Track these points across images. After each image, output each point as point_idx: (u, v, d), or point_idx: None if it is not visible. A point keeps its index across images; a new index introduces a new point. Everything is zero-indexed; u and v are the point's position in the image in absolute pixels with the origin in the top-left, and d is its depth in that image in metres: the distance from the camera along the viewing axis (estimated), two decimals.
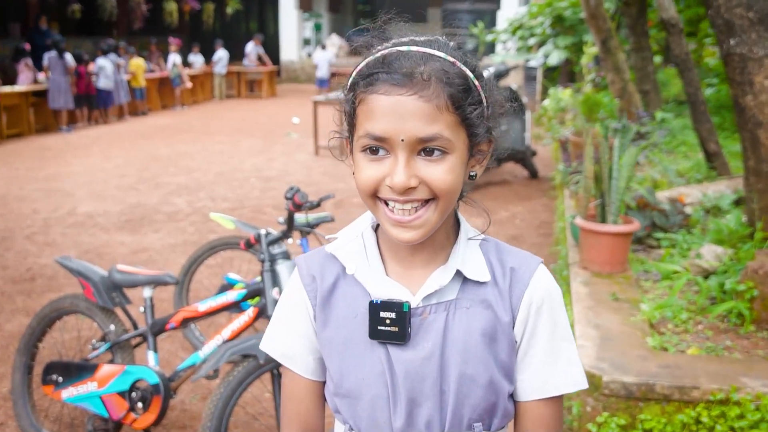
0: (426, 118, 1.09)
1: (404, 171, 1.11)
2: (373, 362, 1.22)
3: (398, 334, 1.20)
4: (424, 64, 1.11)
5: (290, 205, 2.95)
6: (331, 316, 1.27)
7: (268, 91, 20.82)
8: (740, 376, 2.93)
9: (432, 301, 1.22)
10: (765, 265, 3.67)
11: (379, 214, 1.17)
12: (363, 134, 1.13)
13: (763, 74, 4.20)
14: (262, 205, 8.20)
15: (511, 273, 1.25)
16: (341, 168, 10.31)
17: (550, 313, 1.25)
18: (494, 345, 1.22)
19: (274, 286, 2.96)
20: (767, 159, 4.27)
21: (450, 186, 1.13)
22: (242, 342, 2.83)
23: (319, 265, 1.31)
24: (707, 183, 6.87)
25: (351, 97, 1.17)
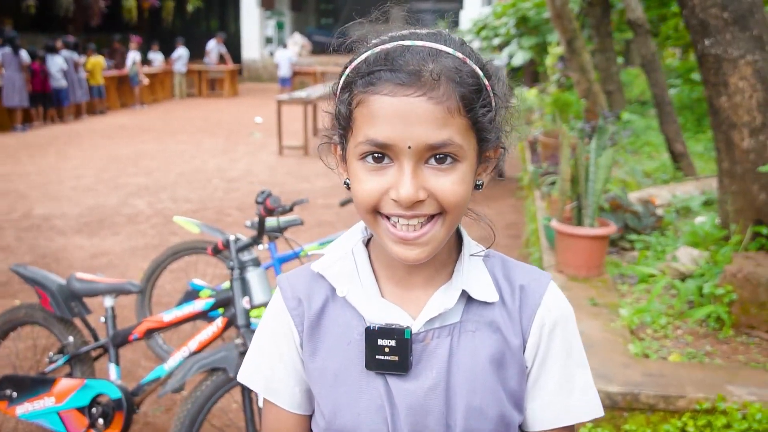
0: (436, 122, 0.96)
1: (412, 182, 0.97)
2: (371, 395, 1.08)
3: (399, 363, 1.07)
4: (433, 61, 0.98)
5: (261, 209, 2.80)
6: (321, 343, 1.13)
7: (229, 90, 20.53)
8: (725, 384, 2.86)
9: (434, 324, 1.09)
10: (743, 268, 3.62)
11: (380, 231, 1.03)
12: (363, 140, 0.99)
13: (738, 75, 4.17)
14: (226, 206, 8.01)
15: (520, 291, 1.12)
16: (306, 168, 10.16)
17: (564, 335, 1.12)
18: (503, 372, 1.09)
19: (244, 295, 2.81)
20: (741, 161, 4.24)
21: (461, 199, 1.00)
22: (211, 354, 2.68)
23: (305, 286, 1.16)
24: (674, 184, 6.87)
25: (347, 97, 1.03)
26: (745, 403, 2.74)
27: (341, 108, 1.04)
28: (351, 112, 1.02)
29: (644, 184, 6.96)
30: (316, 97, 11.69)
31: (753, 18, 4.16)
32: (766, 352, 3.37)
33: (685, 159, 7.70)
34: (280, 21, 25.38)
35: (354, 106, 1.01)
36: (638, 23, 7.80)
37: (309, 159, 10.93)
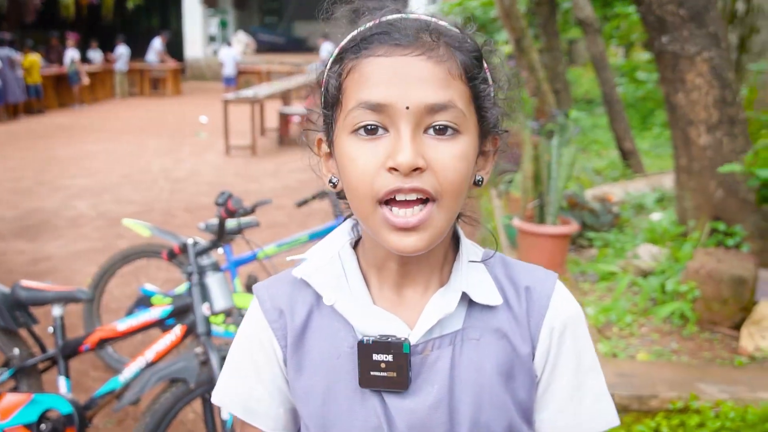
0: (437, 81, 0.87)
1: (411, 146, 0.86)
2: (366, 415, 0.98)
3: (397, 380, 0.96)
4: (431, 30, 0.90)
5: (222, 211, 2.67)
6: (307, 359, 1.02)
7: (172, 90, 20.11)
8: (696, 382, 2.84)
9: (434, 333, 0.98)
10: (705, 264, 3.63)
11: (376, 221, 0.91)
12: (355, 105, 0.89)
13: (695, 72, 4.18)
14: (173, 208, 7.78)
15: (526, 293, 1.02)
16: (254, 168, 9.98)
17: (574, 339, 1.02)
18: (511, 383, 0.99)
19: (204, 301, 2.67)
20: (699, 157, 4.26)
21: (461, 176, 0.90)
22: (170, 365, 2.55)
23: (286, 295, 1.04)
24: (625, 181, 6.93)
25: (337, 68, 0.93)
26: (718, 401, 2.72)
27: (331, 82, 0.94)
28: (341, 85, 0.92)
29: (596, 182, 7.00)
30: (264, 96, 11.50)
31: (709, 15, 4.18)
32: (730, 348, 3.37)
33: (634, 157, 7.79)
34: (224, 19, 24.99)
35: (345, 75, 0.91)
36: (588, 22, 7.85)
37: (257, 159, 10.75)
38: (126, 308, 4.58)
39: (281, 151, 11.37)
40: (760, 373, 2.98)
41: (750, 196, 4.17)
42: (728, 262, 3.66)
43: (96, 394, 2.80)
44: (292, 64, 19.87)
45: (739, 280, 3.53)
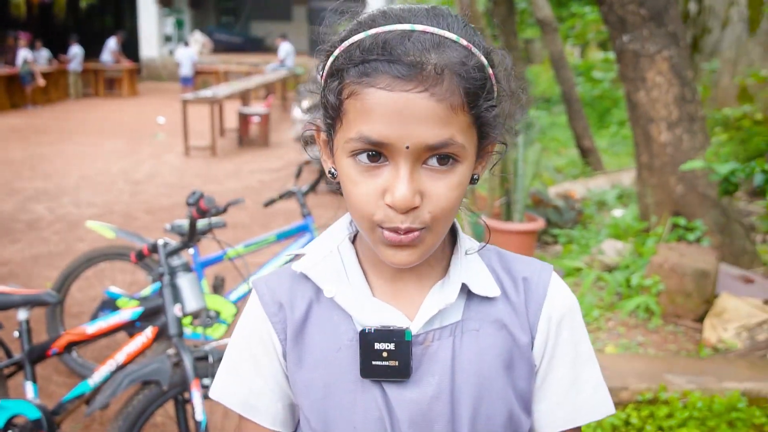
0: (437, 121, 0.87)
1: (408, 186, 0.88)
2: (367, 406, 0.98)
3: (399, 369, 0.97)
4: (436, 51, 0.88)
5: (193, 211, 2.64)
6: (307, 352, 1.02)
7: (128, 90, 19.80)
8: (664, 373, 2.89)
9: (434, 325, 0.99)
10: (669, 259, 3.70)
11: (374, 237, 0.94)
12: (356, 137, 0.89)
13: (655, 70, 4.27)
14: (133, 210, 7.67)
15: (524, 284, 1.03)
16: (215, 169, 9.89)
17: (571, 329, 1.04)
18: (511, 373, 1.00)
19: (175, 302, 2.64)
20: (660, 154, 4.35)
21: (453, 204, 0.92)
22: (143, 367, 2.51)
23: (286, 289, 1.05)
24: (585, 179, 7.04)
25: (336, 86, 0.92)
26: (685, 392, 2.78)
27: (329, 96, 0.93)
28: (341, 103, 0.91)
29: (557, 180, 7.10)
30: (223, 96, 11.41)
31: (668, 14, 4.27)
32: (694, 340, 3.45)
33: (593, 154, 7.91)
34: (179, 19, 24.69)
35: (345, 96, 0.91)
36: (546, 21, 7.94)
37: (217, 160, 10.65)
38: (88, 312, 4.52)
39: (241, 152, 11.28)
40: (724, 363, 3.05)
41: (709, 191, 4.26)
42: (690, 257, 3.74)
43: (65, 398, 2.75)
44: (250, 64, 19.74)
45: (701, 274, 3.61)
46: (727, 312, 3.61)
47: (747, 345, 3.40)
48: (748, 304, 3.66)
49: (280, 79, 15.86)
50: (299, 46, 20.78)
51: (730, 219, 4.35)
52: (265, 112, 11.78)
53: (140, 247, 2.93)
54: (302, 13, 25.68)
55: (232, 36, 25.88)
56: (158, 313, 2.71)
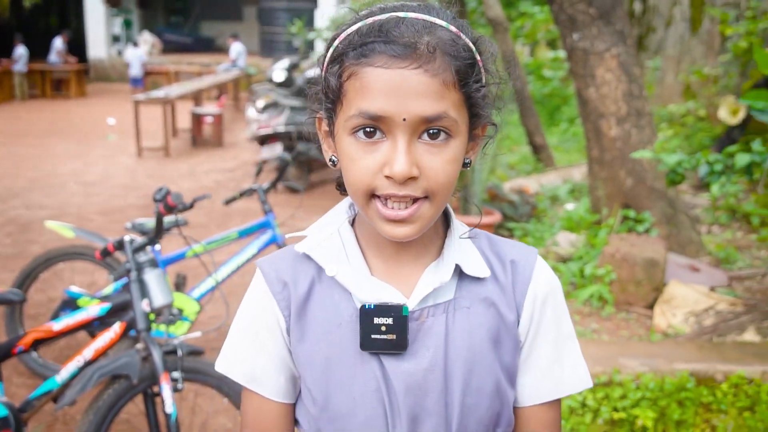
0: (431, 94, 0.95)
1: (406, 158, 0.95)
2: (366, 377, 1.06)
3: (396, 342, 1.04)
4: (428, 33, 0.96)
5: (160, 207, 2.67)
6: (309, 327, 1.09)
7: (76, 91, 19.44)
8: (618, 357, 3.02)
9: (428, 302, 1.07)
10: (620, 249, 3.85)
11: (371, 212, 1.01)
12: (355, 113, 0.96)
13: (604, 67, 4.41)
14: (86, 212, 7.58)
15: (511, 266, 1.12)
16: (168, 169, 9.82)
17: (554, 308, 1.12)
18: (499, 348, 1.08)
19: (143, 297, 2.67)
20: (610, 148, 4.50)
21: (450, 178, 0.99)
22: (112, 361, 2.54)
23: (289, 268, 1.12)
24: (538, 174, 7.20)
25: (337, 69, 0.99)
26: (638, 373, 2.91)
27: (330, 80, 1.01)
28: (341, 85, 0.99)
29: (510, 175, 7.24)
30: (175, 97, 11.32)
31: (615, 13, 4.42)
32: (645, 326, 3.59)
33: (545, 151, 8.08)
34: (128, 18, 24.31)
35: (345, 78, 0.98)
36: (497, 21, 8.09)
37: (171, 160, 10.56)
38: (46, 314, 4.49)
39: (195, 152, 11.21)
40: (674, 346, 3.19)
41: (657, 184, 4.43)
42: (640, 246, 3.89)
43: (32, 395, 2.75)
44: (201, 65, 19.57)
45: (651, 263, 3.76)
46: (676, 299, 3.77)
47: (695, 329, 3.56)
48: (695, 291, 3.82)
49: (232, 80, 15.77)
50: (250, 46, 20.68)
51: (676, 210, 4.52)
52: (219, 113, 11.73)
53: (103, 245, 2.95)
54: (253, 13, 25.50)
55: (181, 36, 25.61)
56: (125, 310, 2.74)
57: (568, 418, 2.88)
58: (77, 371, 2.70)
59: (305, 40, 15.68)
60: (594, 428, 2.84)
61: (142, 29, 24.10)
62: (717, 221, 5.25)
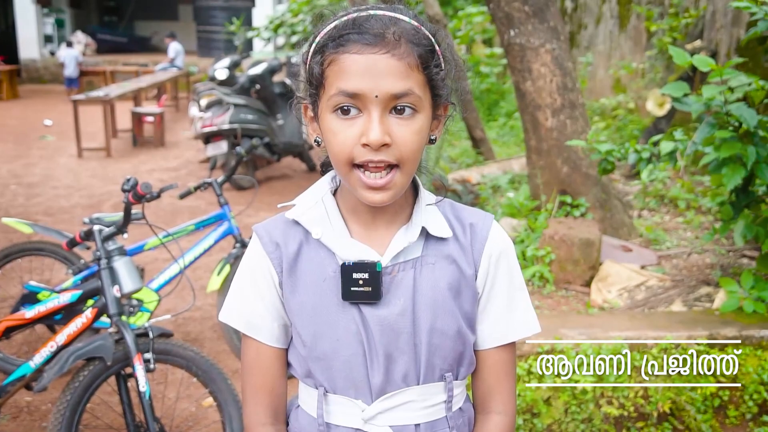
0: (398, 75, 1.15)
1: (379, 127, 1.14)
2: (347, 323, 1.25)
3: (372, 293, 1.24)
4: (394, 25, 1.17)
5: (130, 196, 2.79)
6: (299, 281, 1.28)
7: (8, 93, 18.97)
8: (559, 328, 3.26)
9: (399, 259, 1.27)
10: (558, 231, 4.11)
11: (353, 180, 1.20)
12: (335, 92, 1.16)
13: (540, 62, 4.68)
14: (31, 213, 7.54)
15: (470, 229, 1.32)
16: (111, 170, 9.78)
17: (507, 263, 1.33)
18: (459, 298, 1.28)
19: (113, 284, 2.80)
20: (547, 138, 4.76)
21: (417, 147, 1.19)
22: (87, 344, 2.67)
23: (281, 231, 1.31)
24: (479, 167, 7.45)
25: (319, 59, 1.19)
26: (577, 343, 3.16)
27: (314, 68, 1.20)
28: (323, 72, 1.18)
29: (452, 168, 7.48)
30: (115, 97, 11.25)
31: (549, 11, 4.69)
32: (583, 302, 3.86)
33: (484, 144, 8.34)
34: (60, 18, 23.82)
35: (326, 65, 1.18)
36: (437, 18, 8.31)
37: (112, 160, 10.50)
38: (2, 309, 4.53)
39: (137, 152, 11.16)
40: (609, 318, 3.46)
41: (591, 171, 4.71)
42: (577, 229, 4.16)
43: (5, 381, 2.86)
44: (138, 64, 19.33)
45: (587, 243, 4.04)
46: (611, 276, 4.05)
47: (628, 304, 3.84)
48: (628, 269, 4.12)
49: (171, 79, 15.68)
50: (187, 45, 20.52)
51: (609, 196, 4.82)
52: (160, 112, 11.70)
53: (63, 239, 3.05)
54: (189, 12, 25.25)
55: (116, 36, 25.22)
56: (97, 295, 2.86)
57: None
58: (50, 356, 2.81)
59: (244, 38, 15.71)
60: (539, 393, 3.08)
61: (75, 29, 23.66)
62: (647, 206, 5.58)
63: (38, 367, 2.82)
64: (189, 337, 4.60)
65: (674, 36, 7.82)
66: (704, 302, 3.78)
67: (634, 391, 3.15)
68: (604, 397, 3.12)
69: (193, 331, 4.67)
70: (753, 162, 3.24)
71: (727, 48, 6.97)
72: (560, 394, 3.11)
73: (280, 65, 9.85)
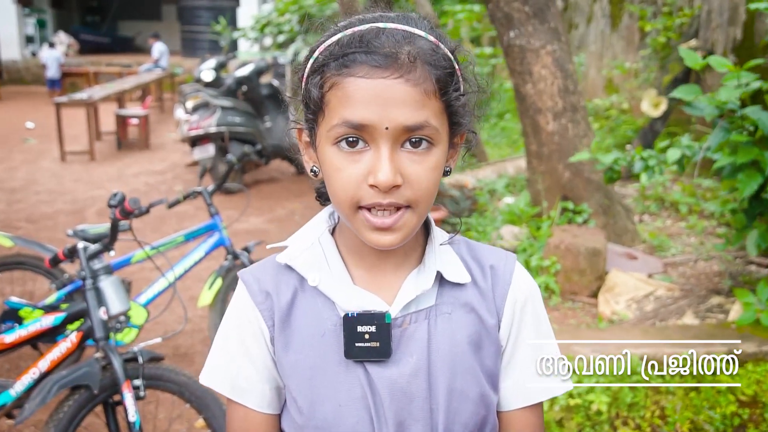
0: (413, 104, 0.96)
1: (389, 166, 0.96)
2: (351, 385, 1.07)
3: (380, 350, 1.06)
4: (408, 43, 0.98)
5: (117, 212, 2.61)
6: (293, 337, 1.09)
7: None
8: (571, 345, 3.11)
9: (411, 309, 1.08)
10: (564, 240, 3.96)
11: (357, 222, 1.02)
12: (339, 122, 0.97)
13: (541, 64, 4.53)
14: (12, 219, 7.32)
15: (491, 272, 1.14)
16: (95, 174, 9.56)
17: (534, 311, 1.15)
18: (480, 353, 1.10)
19: (99, 305, 2.62)
20: (548, 142, 4.62)
21: (432, 186, 1.01)
22: (72, 372, 2.48)
23: (271, 278, 1.12)
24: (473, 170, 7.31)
25: (318, 80, 1.00)
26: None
27: (312, 91, 1.01)
28: (323, 95, 1.00)
29: None
30: (99, 99, 11.01)
31: (549, 11, 4.54)
32: (591, 314, 3.71)
33: (477, 146, 8.21)
34: (41, 18, 23.49)
35: (327, 89, 0.99)
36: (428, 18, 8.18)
37: (96, 164, 10.26)
38: None
39: (122, 155, 10.93)
40: (622, 332, 3.31)
41: (594, 176, 4.57)
42: (583, 237, 4.02)
43: None
44: (121, 65, 19.08)
45: (594, 252, 3.89)
46: (618, 287, 3.91)
47: (637, 315, 3.70)
48: (635, 278, 3.97)
49: (155, 80, 15.44)
50: (171, 45, 20.25)
51: (612, 201, 4.68)
52: (144, 114, 11.47)
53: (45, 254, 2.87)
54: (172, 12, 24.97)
55: (99, 36, 24.89)
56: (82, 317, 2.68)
57: None
58: (32, 383, 2.63)
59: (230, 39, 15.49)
60: (551, 414, 2.93)
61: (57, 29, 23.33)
62: (647, 210, 5.45)
63: (19, 396, 2.63)
64: (179, 352, 4.41)
65: (669, 35, 7.71)
66: (716, 313, 3.64)
67: (650, 411, 3.00)
68: (620, 418, 2.97)
69: (182, 346, 4.48)
70: None
71: (723, 47, 6.86)
72: (573, 415, 2.96)
73: (267, 66, 9.68)
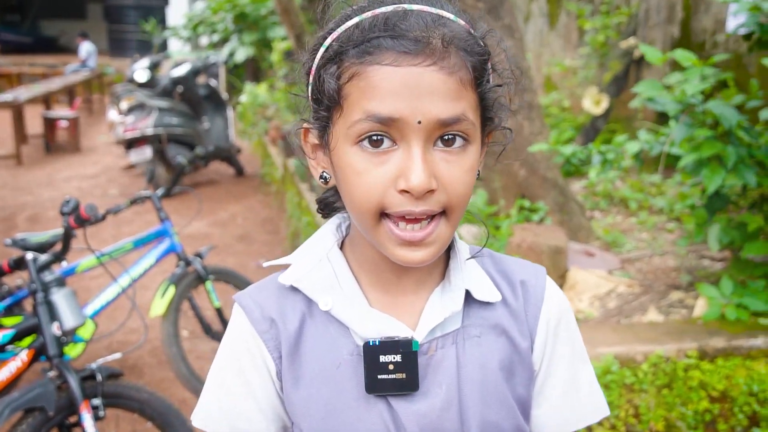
0: (449, 94, 0.85)
1: (423, 167, 0.84)
2: (373, 423, 0.94)
3: (407, 381, 0.93)
4: (440, 27, 0.86)
5: (71, 220, 2.42)
6: (304, 369, 0.96)
7: None
8: None
9: (436, 333, 0.96)
10: (526, 239, 3.91)
11: (381, 235, 0.89)
12: (362, 116, 0.85)
13: None
14: None
15: (522, 288, 1.03)
16: (23, 179, 9.15)
17: (567, 331, 1.05)
18: (512, 379, 0.99)
19: (52, 320, 2.43)
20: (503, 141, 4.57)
21: (469, 190, 0.90)
22: (23, 393, 2.30)
23: (275, 303, 0.98)
24: None
25: (335, 70, 0.87)
26: None
27: (328, 83, 0.88)
28: (341, 88, 0.87)
29: None
30: (25, 100, 10.54)
31: (503, 7, 4.50)
32: None
33: None
34: None
35: (345, 80, 0.86)
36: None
37: (24, 169, 9.82)
38: None
39: (51, 159, 10.50)
40: (591, 331, 3.27)
41: (549, 173, 4.55)
42: (543, 235, 3.97)
43: None
44: (46, 66, 18.40)
45: (556, 250, 3.85)
46: (579, 284, 3.88)
47: (601, 312, 3.68)
48: (595, 275, 3.95)
49: (83, 81, 14.92)
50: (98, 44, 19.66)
51: (567, 198, 4.67)
52: (74, 116, 11.04)
53: None
54: (98, 11, 24.25)
55: (20, 35, 23.96)
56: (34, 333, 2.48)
57: None
58: None
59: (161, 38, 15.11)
60: None
61: None
62: (597, 207, 5.47)
63: None
64: (126, 364, 4.19)
65: (607, 34, 7.81)
66: (678, 308, 3.65)
67: (624, 410, 2.97)
68: None
69: (131, 358, 4.27)
70: (734, 162, 3.12)
71: (662, 45, 6.97)
72: None
73: (204, 66, 9.44)
